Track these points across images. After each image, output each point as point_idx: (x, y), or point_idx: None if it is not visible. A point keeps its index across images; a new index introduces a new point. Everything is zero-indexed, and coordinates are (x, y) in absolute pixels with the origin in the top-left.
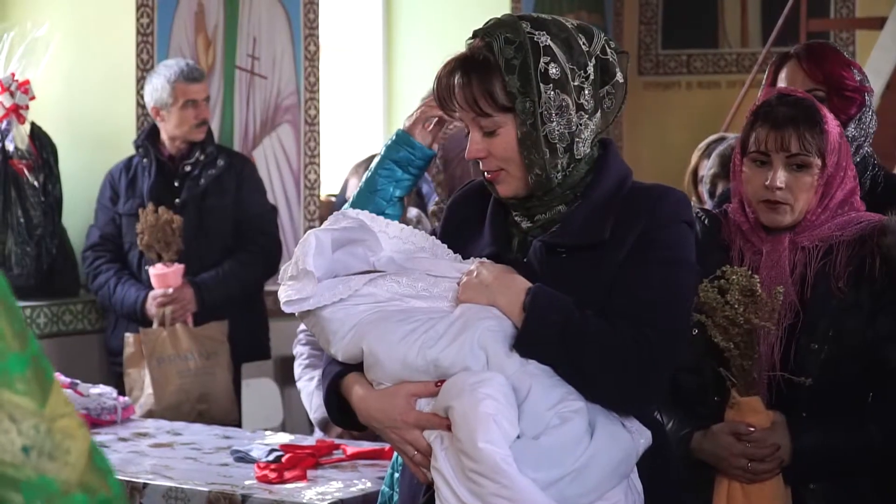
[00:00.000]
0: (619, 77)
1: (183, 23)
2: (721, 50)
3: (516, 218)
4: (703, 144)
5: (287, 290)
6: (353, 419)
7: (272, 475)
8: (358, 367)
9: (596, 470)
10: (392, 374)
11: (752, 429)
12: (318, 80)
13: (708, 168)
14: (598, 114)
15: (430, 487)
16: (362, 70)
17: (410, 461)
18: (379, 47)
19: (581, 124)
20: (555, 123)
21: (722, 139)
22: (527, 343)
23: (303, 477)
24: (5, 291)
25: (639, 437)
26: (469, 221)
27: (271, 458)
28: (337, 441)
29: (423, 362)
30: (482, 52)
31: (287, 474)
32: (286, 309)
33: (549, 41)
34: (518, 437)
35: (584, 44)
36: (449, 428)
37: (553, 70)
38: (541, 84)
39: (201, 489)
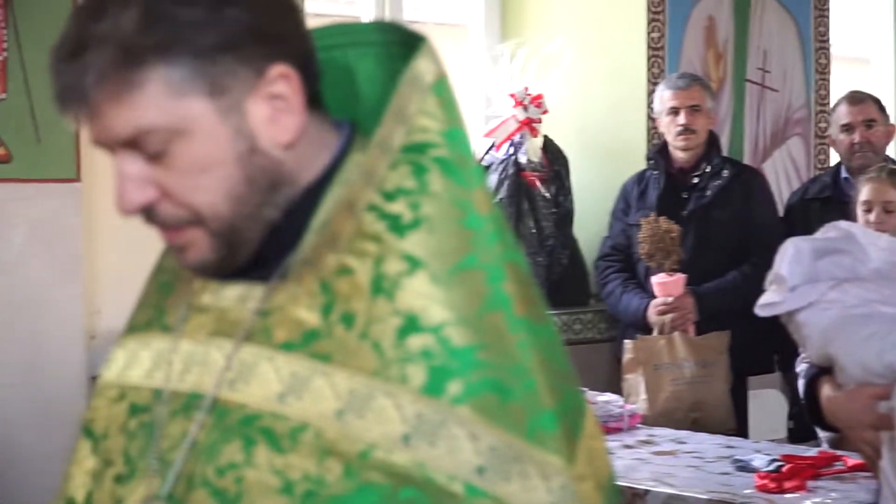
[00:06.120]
0: None
1: (693, 37)
2: None
3: None
4: None
5: (764, 295)
6: (825, 419)
7: (772, 485)
8: (831, 369)
9: None
10: (853, 377)
11: None
12: (828, 92)
13: None
14: None
15: None
16: (875, 81)
17: (868, 460)
18: (891, 57)
19: None
20: None
21: None
22: None
23: (802, 487)
24: (527, 345)
25: None
26: None
27: (772, 467)
28: (839, 453)
29: (880, 366)
30: None
31: (787, 484)
32: (758, 312)
33: None
34: None
35: None
36: None
37: None
38: None
39: (701, 497)
